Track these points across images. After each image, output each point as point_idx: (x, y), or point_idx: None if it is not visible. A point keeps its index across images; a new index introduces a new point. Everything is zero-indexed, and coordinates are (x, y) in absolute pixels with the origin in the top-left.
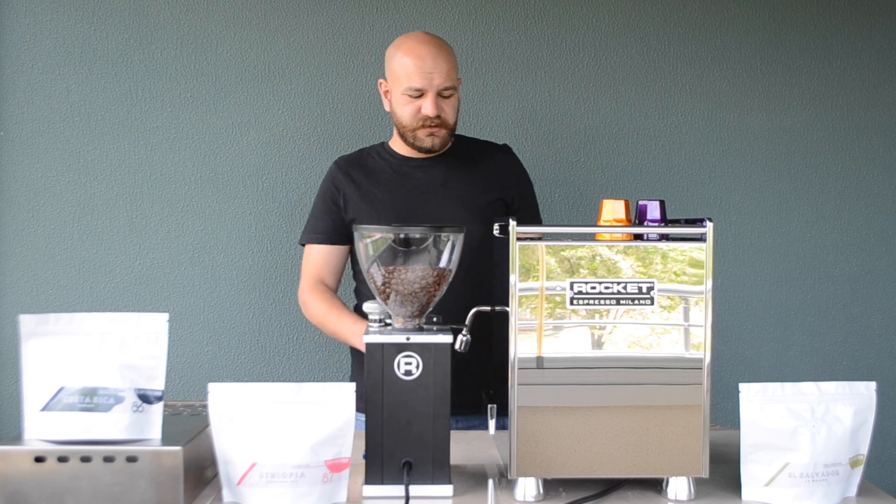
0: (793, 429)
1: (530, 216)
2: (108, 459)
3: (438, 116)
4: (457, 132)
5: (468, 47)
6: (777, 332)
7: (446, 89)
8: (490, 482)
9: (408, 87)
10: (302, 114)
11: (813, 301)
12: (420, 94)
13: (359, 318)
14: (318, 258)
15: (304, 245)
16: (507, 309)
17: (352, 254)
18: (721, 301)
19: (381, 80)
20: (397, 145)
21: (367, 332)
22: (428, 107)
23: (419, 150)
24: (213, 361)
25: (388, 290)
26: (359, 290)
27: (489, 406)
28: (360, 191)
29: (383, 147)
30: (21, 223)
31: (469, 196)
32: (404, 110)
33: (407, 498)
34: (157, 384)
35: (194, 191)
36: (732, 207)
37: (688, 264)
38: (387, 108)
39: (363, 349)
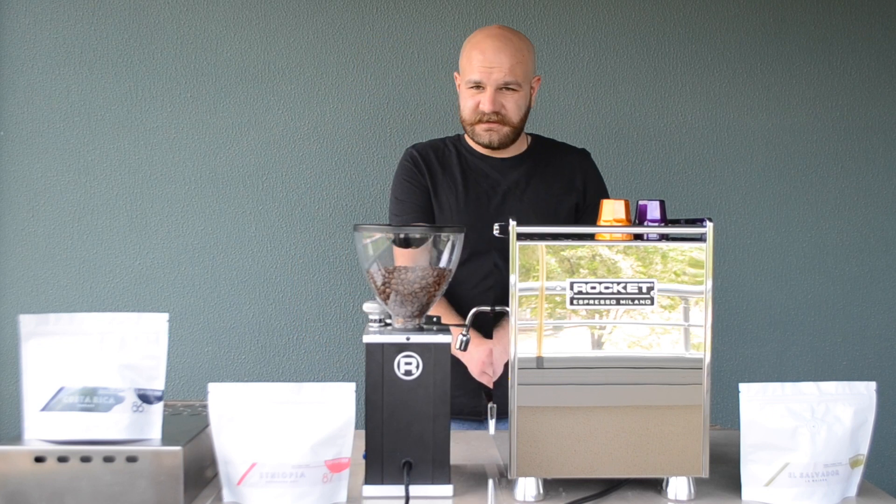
0: (793, 429)
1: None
2: (108, 459)
3: (497, 113)
4: (538, 133)
5: None
6: (777, 332)
7: (508, 84)
8: (490, 482)
9: (468, 79)
10: (302, 114)
11: (813, 301)
12: (480, 87)
13: (458, 315)
14: None
15: None
16: (507, 309)
17: None
18: (721, 301)
19: (455, 73)
20: (472, 141)
21: (366, 332)
22: (485, 101)
23: (480, 145)
24: (213, 361)
25: (388, 290)
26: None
27: (489, 406)
28: (435, 180)
29: (459, 141)
30: (21, 223)
31: (544, 202)
32: (466, 104)
33: (407, 498)
34: (157, 384)
35: (194, 191)
36: (732, 207)
37: (688, 264)
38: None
39: (456, 354)
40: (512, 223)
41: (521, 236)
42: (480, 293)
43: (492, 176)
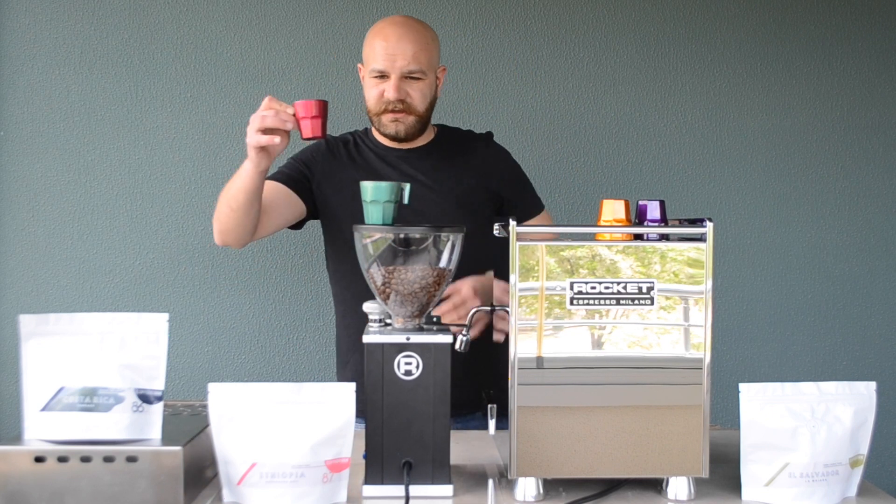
0: (793, 429)
1: (529, 205)
2: (108, 459)
3: (402, 101)
4: (446, 123)
5: (468, 47)
6: (777, 332)
7: (412, 73)
8: (490, 482)
9: (372, 68)
10: None
11: (813, 301)
12: (384, 76)
13: None
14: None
15: None
16: (507, 309)
17: (328, 255)
18: (721, 301)
19: (359, 65)
20: (378, 134)
21: (366, 332)
22: (389, 89)
23: (387, 137)
24: (213, 361)
25: (388, 290)
26: (338, 294)
27: (489, 406)
28: (342, 173)
29: (366, 135)
30: (21, 223)
31: (458, 191)
32: (370, 94)
33: (407, 498)
34: (157, 384)
35: (194, 191)
36: (732, 207)
37: (687, 264)
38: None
39: (252, 167)
40: (512, 223)
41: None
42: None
43: (400, 167)
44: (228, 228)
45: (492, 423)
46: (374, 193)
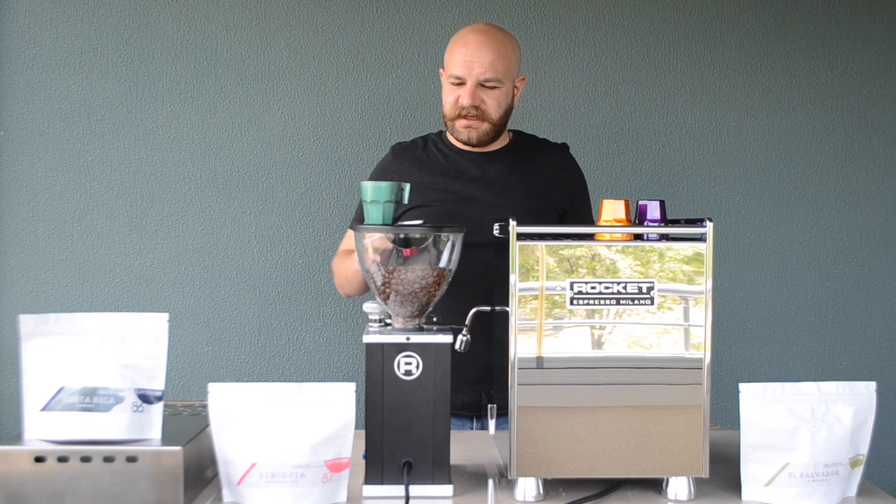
0: (793, 429)
1: (586, 221)
2: (108, 459)
3: (476, 108)
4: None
5: None
6: (777, 332)
7: (488, 81)
8: (490, 482)
9: (450, 73)
10: (302, 114)
11: (813, 301)
12: (461, 82)
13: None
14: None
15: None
16: (507, 309)
17: None
18: (721, 301)
19: (441, 69)
20: (452, 136)
21: (366, 332)
22: (464, 95)
23: (460, 142)
24: (213, 361)
25: (388, 290)
26: None
27: (489, 406)
28: (414, 180)
29: (440, 137)
30: (21, 223)
31: (524, 199)
32: (447, 98)
33: (407, 498)
34: (157, 384)
35: (194, 191)
36: (732, 207)
37: (687, 264)
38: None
39: None
40: (512, 223)
41: (519, 236)
42: (475, 291)
43: (471, 171)
44: (347, 293)
45: (492, 423)
46: (374, 193)
